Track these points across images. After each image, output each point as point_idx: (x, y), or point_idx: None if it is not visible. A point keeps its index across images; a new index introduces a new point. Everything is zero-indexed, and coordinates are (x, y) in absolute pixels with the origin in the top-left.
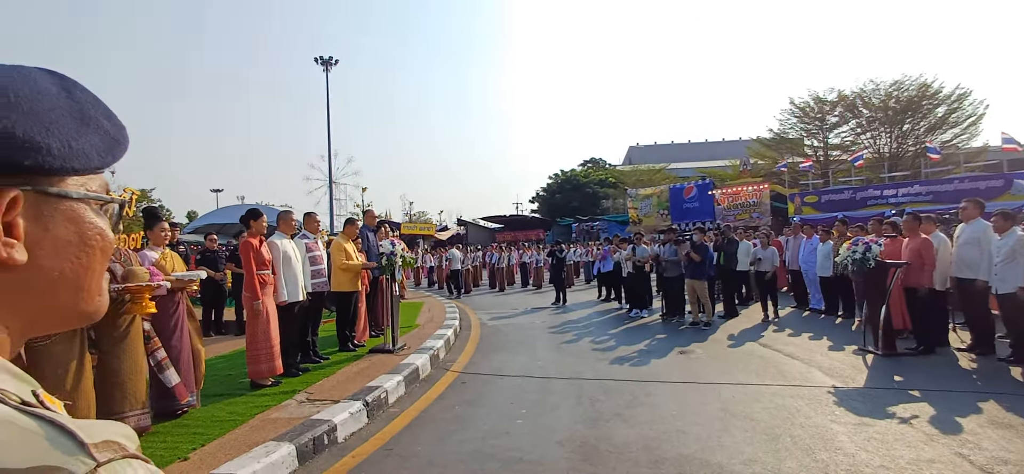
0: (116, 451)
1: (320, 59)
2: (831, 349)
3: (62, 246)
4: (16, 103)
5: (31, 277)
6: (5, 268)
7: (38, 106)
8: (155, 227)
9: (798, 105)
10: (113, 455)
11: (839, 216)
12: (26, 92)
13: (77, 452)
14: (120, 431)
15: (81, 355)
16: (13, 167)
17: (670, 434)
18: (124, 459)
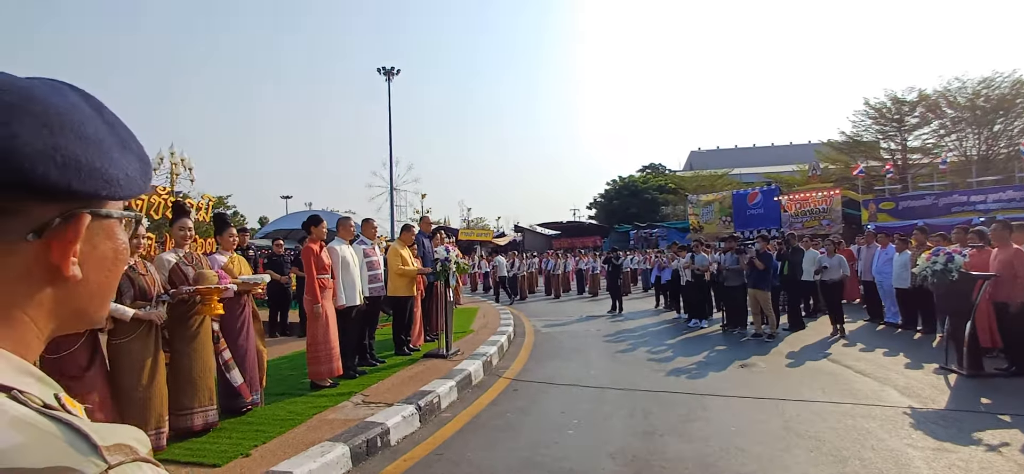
0: (127, 454)
1: (382, 69)
2: (908, 367)
3: (101, 261)
4: (78, 128)
5: (77, 289)
6: (61, 281)
7: (89, 131)
8: (224, 232)
9: (873, 106)
10: (124, 458)
11: (919, 223)
12: (77, 118)
13: (90, 454)
14: (133, 435)
15: (156, 353)
16: (78, 195)
17: (728, 451)
18: (135, 462)
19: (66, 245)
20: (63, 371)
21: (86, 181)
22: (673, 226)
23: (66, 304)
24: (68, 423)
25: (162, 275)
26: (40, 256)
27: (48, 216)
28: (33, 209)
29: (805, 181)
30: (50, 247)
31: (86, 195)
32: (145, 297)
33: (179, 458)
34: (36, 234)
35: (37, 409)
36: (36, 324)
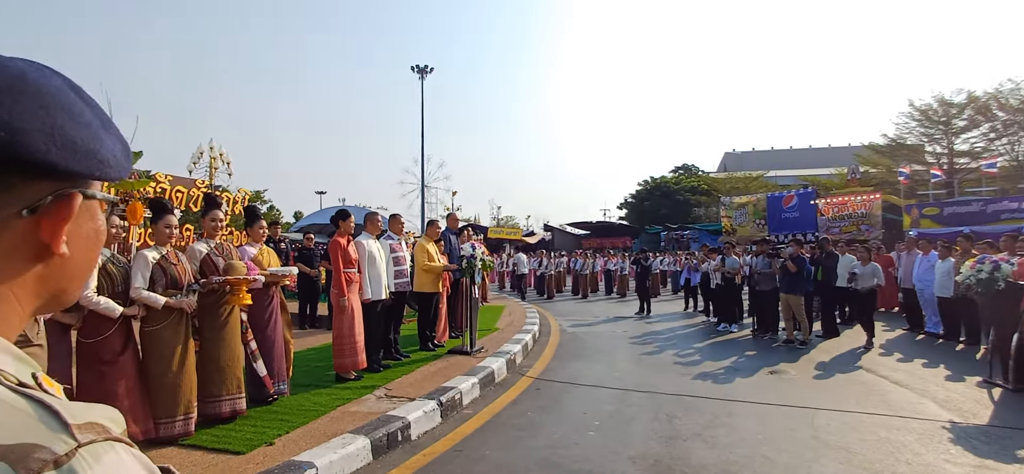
0: (99, 433)
1: (416, 67)
2: (949, 379)
3: (85, 241)
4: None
5: (62, 268)
6: (49, 259)
7: (78, 113)
8: (254, 225)
9: (919, 108)
10: (95, 437)
11: (964, 230)
12: (67, 99)
13: (60, 431)
14: (107, 414)
15: (185, 341)
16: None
17: (753, 460)
18: (107, 441)
19: (58, 223)
20: (98, 355)
21: (82, 161)
22: (705, 228)
23: (50, 283)
24: (39, 400)
25: (193, 265)
26: (29, 234)
27: (41, 194)
28: (28, 187)
29: (844, 184)
30: (40, 225)
31: (81, 175)
32: (176, 286)
33: (206, 444)
34: (30, 211)
35: (10, 386)
36: (20, 302)
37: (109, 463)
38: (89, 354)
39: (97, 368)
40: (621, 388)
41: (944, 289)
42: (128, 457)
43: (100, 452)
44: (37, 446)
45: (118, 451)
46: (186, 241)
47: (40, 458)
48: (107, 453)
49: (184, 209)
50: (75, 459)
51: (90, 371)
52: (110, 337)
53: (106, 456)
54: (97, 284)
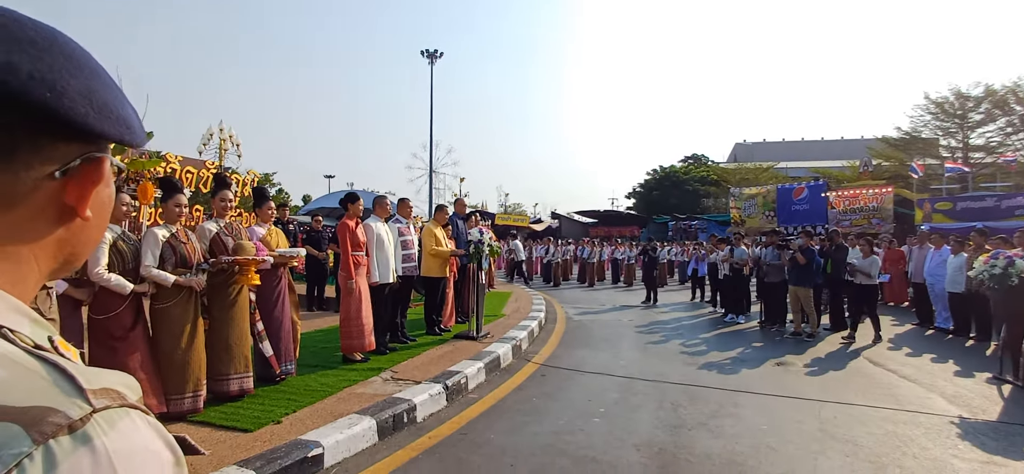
0: (114, 399)
1: (426, 52)
2: (958, 374)
3: (102, 206)
4: (104, 78)
5: (81, 231)
6: (70, 223)
7: (105, 77)
8: (262, 205)
9: (935, 101)
10: (110, 402)
11: (978, 226)
12: (94, 64)
13: (75, 396)
14: (122, 381)
15: (195, 319)
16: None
17: (758, 450)
18: (122, 408)
19: (87, 187)
20: (109, 331)
21: (113, 125)
22: (714, 219)
23: (67, 247)
24: (54, 363)
25: (203, 244)
26: (55, 196)
27: (70, 157)
28: (57, 149)
29: (855, 177)
30: (66, 188)
31: (111, 139)
32: (186, 265)
33: (214, 421)
34: (62, 173)
35: (25, 348)
36: (38, 264)
37: (124, 429)
38: (100, 330)
39: (108, 343)
40: (626, 376)
41: (955, 284)
42: (143, 424)
43: (115, 418)
44: (51, 410)
45: (133, 418)
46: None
47: (54, 422)
48: (122, 419)
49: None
50: (90, 424)
51: (101, 346)
52: (120, 313)
53: (121, 422)
54: (108, 261)
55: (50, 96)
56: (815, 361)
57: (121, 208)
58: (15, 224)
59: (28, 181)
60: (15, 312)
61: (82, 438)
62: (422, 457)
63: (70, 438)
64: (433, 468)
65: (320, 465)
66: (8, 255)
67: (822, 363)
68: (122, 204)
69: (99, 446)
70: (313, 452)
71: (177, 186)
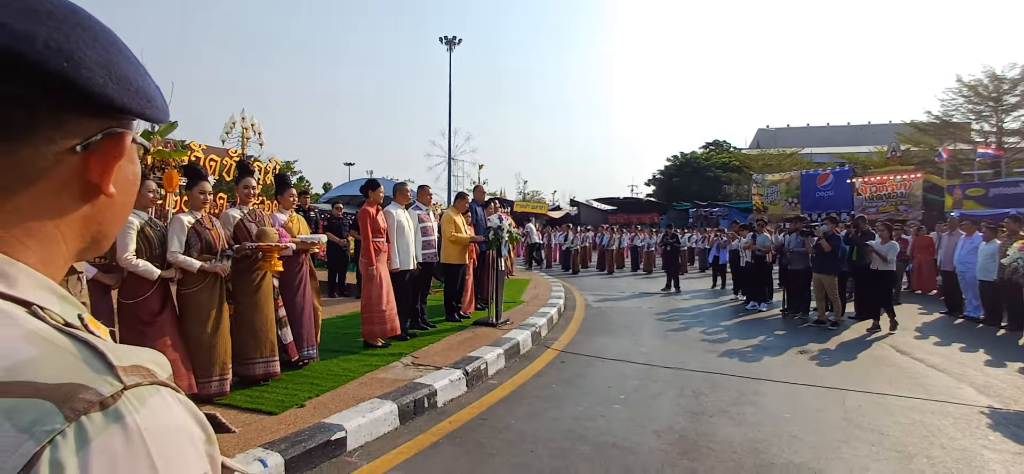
0: (145, 376)
1: (444, 39)
2: (989, 364)
3: (127, 183)
4: (125, 51)
5: (107, 208)
6: (95, 199)
7: (126, 51)
8: (284, 192)
9: (968, 84)
10: (141, 380)
11: (1012, 212)
12: (114, 37)
13: (105, 373)
14: (153, 358)
15: (220, 304)
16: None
17: (780, 438)
18: (152, 385)
19: (109, 162)
20: (138, 315)
21: (133, 98)
22: (735, 206)
23: (94, 224)
24: (85, 341)
25: (227, 230)
26: (78, 173)
27: (91, 131)
28: (78, 123)
29: (883, 163)
30: (89, 164)
31: (131, 112)
32: (211, 251)
33: (240, 404)
34: (83, 148)
35: (55, 326)
36: (66, 243)
37: (155, 407)
38: (129, 314)
39: (137, 327)
40: (646, 363)
41: (987, 272)
42: (174, 402)
43: (146, 396)
44: (82, 387)
45: (164, 395)
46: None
47: (85, 399)
48: (153, 397)
49: (217, 177)
50: (121, 401)
51: (130, 330)
52: (148, 298)
53: (152, 400)
54: (136, 247)
55: (67, 66)
56: (839, 349)
57: (148, 195)
58: (39, 199)
59: (50, 156)
60: (44, 289)
61: (114, 415)
62: (443, 441)
63: (102, 415)
64: (454, 452)
65: (343, 448)
66: (34, 232)
67: (846, 351)
68: (149, 191)
69: (131, 423)
70: (336, 435)
71: (201, 173)
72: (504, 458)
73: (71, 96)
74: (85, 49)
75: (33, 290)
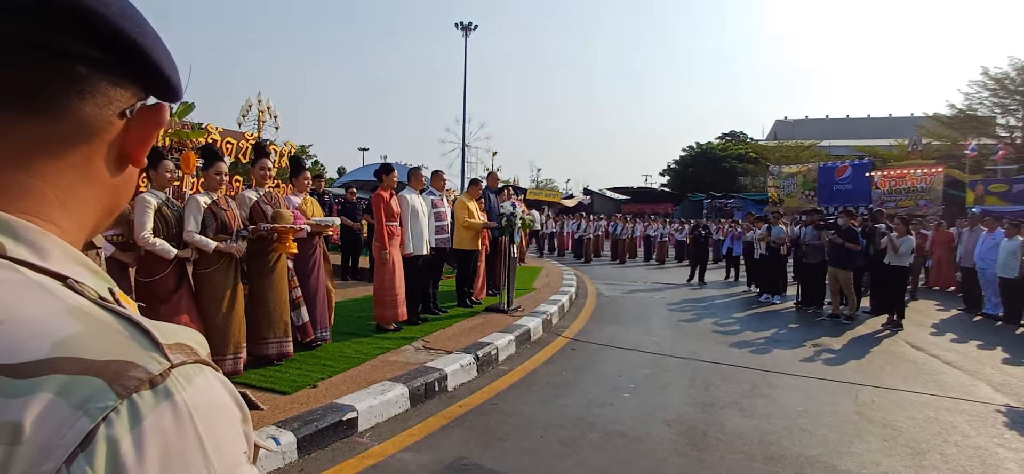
0: (189, 355)
1: (460, 24)
2: (1006, 362)
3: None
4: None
5: (128, 179)
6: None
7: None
8: (299, 175)
9: (993, 76)
10: (186, 358)
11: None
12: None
13: (152, 350)
14: (192, 336)
15: (235, 284)
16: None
17: (791, 431)
18: (196, 364)
19: (149, 130)
20: (155, 293)
21: (176, 75)
22: (750, 197)
23: (114, 196)
24: (127, 317)
25: (243, 212)
26: (120, 139)
27: (135, 100)
28: (129, 91)
29: (903, 156)
30: (127, 134)
31: (173, 88)
32: (226, 231)
33: (254, 382)
34: (127, 115)
35: (93, 300)
36: (93, 208)
37: (200, 385)
38: (146, 292)
39: (154, 305)
40: (657, 353)
41: (1008, 269)
42: (215, 380)
43: (192, 374)
44: (132, 364)
45: (206, 374)
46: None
47: (135, 377)
48: (198, 375)
49: (234, 160)
50: (169, 379)
51: (148, 308)
52: (165, 277)
53: (197, 378)
54: (153, 226)
55: (138, 35)
56: (853, 343)
57: (166, 175)
58: (86, 160)
59: (102, 119)
60: (76, 263)
61: (163, 393)
62: (453, 425)
63: (152, 393)
64: (463, 436)
65: (354, 428)
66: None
67: (861, 346)
68: (167, 171)
69: (179, 401)
70: (347, 416)
71: (218, 154)
72: (513, 442)
73: (133, 64)
74: (147, 24)
75: (65, 263)
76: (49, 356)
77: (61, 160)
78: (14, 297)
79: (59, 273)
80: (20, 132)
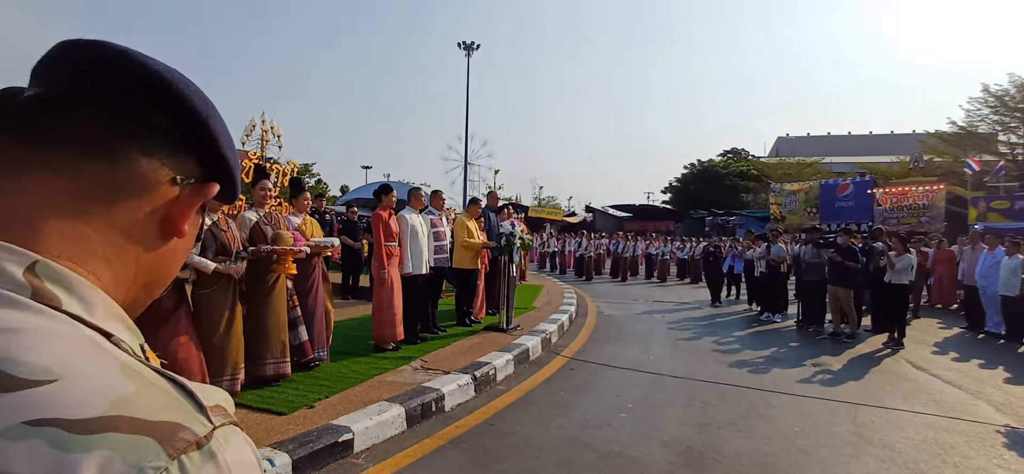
0: (225, 417)
1: (463, 44)
2: (1008, 382)
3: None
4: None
5: (170, 253)
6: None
7: None
8: (299, 196)
9: (994, 93)
10: (224, 420)
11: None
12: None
13: (198, 413)
14: (223, 397)
15: (233, 305)
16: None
17: (789, 453)
18: (231, 425)
19: (191, 203)
20: (153, 314)
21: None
22: (752, 214)
23: (157, 267)
24: (172, 378)
25: (243, 232)
26: (165, 205)
27: (189, 173)
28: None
29: (905, 173)
30: (176, 201)
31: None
32: (226, 252)
33: (251, 404)
34: (183, 181)
35: (140, 360)
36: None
37: (235, 445)
38: (144, 313)
39: (152, 326)
40: (656, 373)
41: (1009, 287)
42: (244, 440)
43: (230, 434)
44: (181, 426)
45: (239, 434)
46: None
47: (185, 438)
48: (234, 436)
49: None
50: (213, 441)
51: (145, 329)
52: (163, 298)
53: (234, 438)
54: None
55: (207, 114)
56: (853, 363)
57: None
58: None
59: (155, 177)
60: (115, 318)
61: (209, 454)
62: (449, 446)
63: (199, 454)
64: (459, 457)
65: (350, 450)
66: (119, 248)
67: (861, 365)
68: None
69: (222, 461)
70: (343, 437)
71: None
72: (509, 464)
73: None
74: (217, 113)
75: (107, 318)
76: (107, 414)
77: (111, 209)
78: (73, 352)
79: (104, 329)
80: (79, 174)
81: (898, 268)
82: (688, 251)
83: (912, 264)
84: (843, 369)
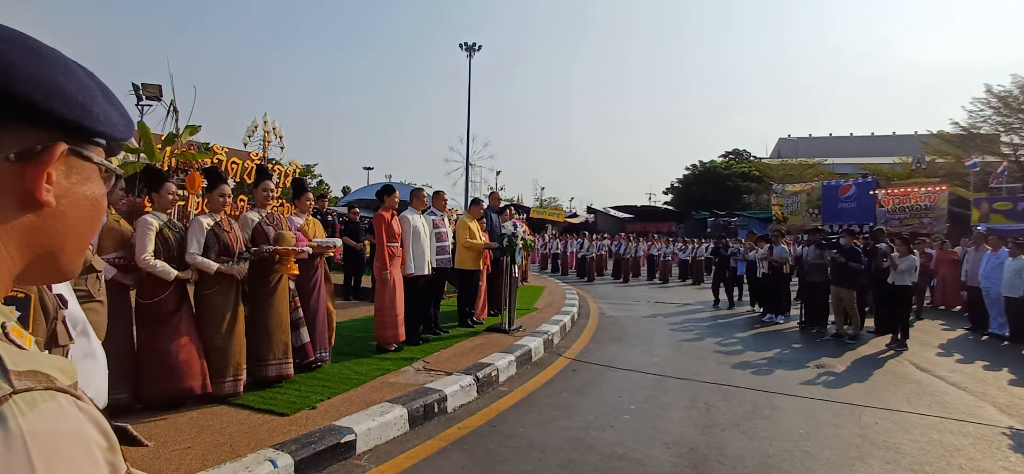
0: (41, 382)
1: (464, 45)
2: (1013, 383)
3: (80, 200)
4: (65, 67)
5: (53, 222)
6: (34, 208)
7: (73, 69)
8: (301, 196)
9: (997, 94)
10: (35, 385)
11: None
12: (63, 58)
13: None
14: (57, 365)
15: (235, 306)
16: (60, 122)
17: (793, 454)
18: (48, 391)
19: (40, 168)
20: (155, 315)
21: (69, 109)
22: (754, 215)
23: (40, 237)
24: None
25: (246, 233)
26: (15, 181)
27: (31, 143)
28: (16, 134)
29: (907, 174)
30: (24, 172)
31: (67, 124)
32: (228, 253)
33: (253, 404)
34: (18, 157)
35: None
36: (7, 249)
37: (46, 411)
38: (147, 313)
39: (154, 327)
40: (659, 374)
41: (1013, 288)
42: (71, 408)
43: (37, 400)
44: None
45: (60, 401)
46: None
47: None
48: (46, 402)
49: (238, 180)
50: (6, 405)
51: (147, 330)
52: (165, 298)
53: (44, 405)
54: (154, 248)
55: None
56: (857, 364)
57: (168, 197)
58: None
59: None
60: None
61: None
62: (451, 447)
63: None
64: (461, 459)
65: (352, 451)
66: None
67: (864, 367)
68: (169, 193)
69: (13, 426)
70: (345, 438)
71: (221, 176)
72: (512, 466)
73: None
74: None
75: None
76: None
77: None
78: None
79: None
80: None
81: (901, 269)
82: (690, 252)
83: (915, 265)
84: (847, 371)
